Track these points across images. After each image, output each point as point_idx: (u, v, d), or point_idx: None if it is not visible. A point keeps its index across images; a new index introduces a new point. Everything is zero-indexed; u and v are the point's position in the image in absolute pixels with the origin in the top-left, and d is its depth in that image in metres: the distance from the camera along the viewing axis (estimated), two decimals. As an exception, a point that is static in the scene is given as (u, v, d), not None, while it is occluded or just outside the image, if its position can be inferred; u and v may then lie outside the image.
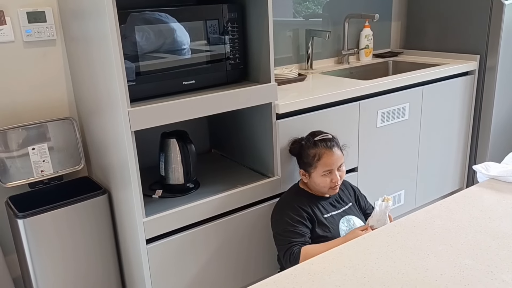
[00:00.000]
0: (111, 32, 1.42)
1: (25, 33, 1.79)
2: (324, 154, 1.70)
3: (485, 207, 1.14)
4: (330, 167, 1.69)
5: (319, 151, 1.70)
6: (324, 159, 1.69)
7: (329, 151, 1.70)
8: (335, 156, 1.70)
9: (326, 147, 1.71)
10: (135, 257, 1.71)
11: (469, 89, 2.57)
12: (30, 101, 1.86)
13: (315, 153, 1.71)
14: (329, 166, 1.69)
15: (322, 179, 1.70)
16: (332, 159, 1.70)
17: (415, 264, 0.91)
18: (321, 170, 1.69)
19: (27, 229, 1.62)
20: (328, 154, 1.70)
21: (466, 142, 2.68)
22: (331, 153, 1.70)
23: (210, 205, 1.74)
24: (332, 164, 1.70)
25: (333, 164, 1.70)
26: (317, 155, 1.70)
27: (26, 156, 1.77)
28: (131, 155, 1.54)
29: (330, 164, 1.69)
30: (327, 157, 1.69)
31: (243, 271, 1.90)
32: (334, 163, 1.70)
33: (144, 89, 1.62)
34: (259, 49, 1.80)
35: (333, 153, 1.71)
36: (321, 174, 1.70)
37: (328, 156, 1.70)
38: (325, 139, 1.74)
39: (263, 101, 1.79)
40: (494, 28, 2.50)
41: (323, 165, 1.69)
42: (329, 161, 1.69)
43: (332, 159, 1.70)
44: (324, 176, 1.70)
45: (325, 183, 1.70)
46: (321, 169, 1.69)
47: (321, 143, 1.72)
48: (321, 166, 1.69)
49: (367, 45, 2.77)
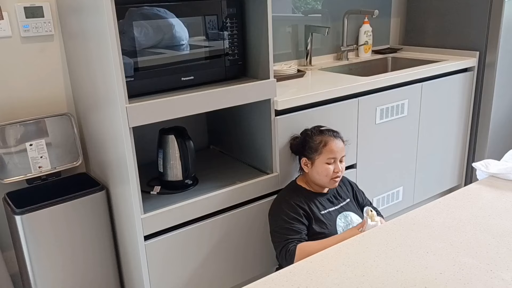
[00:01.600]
0: (109, 27, 1.41)
1: (22, 29, 1.77)
2: (330, 141, 1.74)
3: (485, 204, 1.14)
4: (335, 155, 1.73)
5: (325, 138, 1.75)
6: (330, 145, 1.73)
7: (335, 139, 1.76)
8: (340, 145, 1.75)
9: (332, 136, 1.77)
10: (133, 253, 1.71)
11: (468, 85, 2.57)
12: (28, 97, 1.84)
13: (322, 139, 1.75)
14: (334, 154, 1.73)
15: (325, 167, 1.72)
16: (337, 147, 1.74)
17: (414, 262, 0.91)
18: (326, 157, 1.72)
19: (25, 226, 1.61)
20: (334, 142, 1.75)
21: (465, 139, 2.68)
22: (337, 141, 1.75)
23: (209, 201, 1.74)
24: (336, 152, 1.73)
25: (337, 153, 1.73)
26: (323, 141, 1.74)
27: (23, 152, 1.77)
28: (129, 151, 1.53)
29: (335, 151, 1.73)
30: (333, 144, 1.74)
31: (241, 267, 1.90)
32: (338, 152, 1.74)
33: (142, 85, 1.61)
34: (258, 45, 1.79)
35: (338, 141, 1.76)
36: (325, 161, 1.72)
37: (334, 143, 1.74)
38: (330, 129, 1.81)
39: (262, 97, 1.78)
40: (494, 24, 2.49)
41: (329, 151, 1.73)
42: (334, 147, 1.73)
43: (337, 147, 1.74)
44: (327, 164, 1.72)
45: (327, 171, 1.72)
46: (326, 155, 1.72)
47: (327, 132, 1.78)
48: (327, 153, 1.73)
49: (366, 41, 2.76)
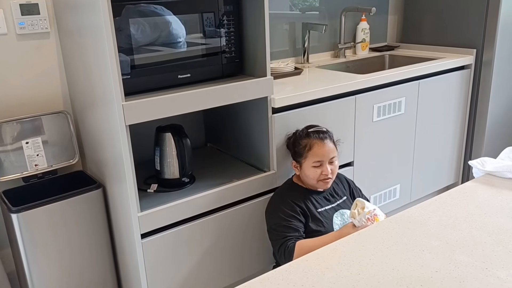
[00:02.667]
0: (105, 24, 1.40)
1: (18, 26, 1.76)
2: (315, 145, 1.71)
3: (481, 202, 1.14)
4: (321, 158, 1.70)
5: (310, 141, 1.72)
6: (314, 149, 1.70)
7: (321, 142, 1.71)
8: (326, 148, 1.71)
9: (318, 138, 1.72)
10: (130, 251, 1.70)
11: (465, 83, 2.57)
12: (24, 95, 1.84)
13: (307, 143, 1.72)
14: (319, 157, 1.70)
15: (312, 171, 1.70)
16: (322, 150, 1.70)
17: (410, 260, 0.91)
18: (311, 161, 1.70)
19: (21, 224, 1.61)
20: (319, 145, 1.71)
21: (461, 137, 2.68)
22: (323, 144, 1.71)
23: (206, 199, 1.73)
24: (322, 155, 1.70)
25: (323, 156, 1.70)
26: (308, 145, 1.72)
27: (20, 150, 1.76)
28: (126, 149, 1.53)
29: (320, 155, 1.70)
30: (318, 148, 1.70)
31: (238, 265, 1.90)
32: (325, 155, 1.70)
33: (139, 83, 1.61)
34: (255, 43, 1.79)
35: (324, 144, 1.71)
36: (311, 165, 1.70)
37: (319, 146, 1.70)
38: (318, 131, 1.76)
39: (259, 95, 1.78)
40: (491, 22, 2.49)
41: (313, 155, 1.70)
42: (319, 151, 1.70)
43: (323, 150, 1.70)
44: (314, 167, 1.70)
45: (314, 174, 1.70)
46: (311, 159, 1.70)
47: (313, 134, 1.74)
48: (311, 157, 1.70)
49: (364, 38, 2.76)
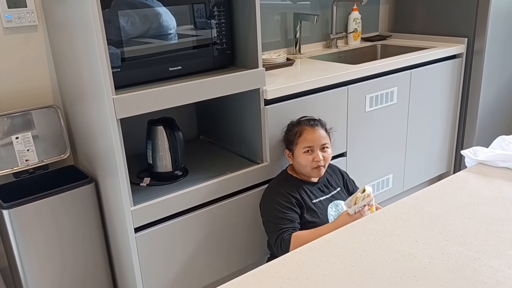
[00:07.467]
0: (94, 16, 1.38)
1: (4, 19, 1.73)
2: (305, 131, 1.74)
3: (473, 192, 1.14)
4: (311, 144, 1.71)
5: (301, 128, 1.75)
6: (304, 135, 1.73)
7: (311, 128, 1.74)
8: (316, 134, 1.73)
9: (308, 125, 1.76)
10: (124, 246, 1.70)
11: (456, 72, 2.57)
12: (12, 89, 1.81)
13: (297, 130, 1.75)
14: (310, 143, 1.71)
15: (303, 157, 1.72)
16: (313, 135, 1.72)
17: (403, 251, 0.91)
18: (302, 146, 1.72)
19: (13, 220, 1.59)
20: (309, 131, 1.73)
21: (453, 126, 2.69)
22: (313, 130, 1.74)
23: (199, 192, 1.73)
24: (313, 140, 1.72)
25: (314, 141, 1.72)
26: (298, 131, 1.75)
27: (10, 145, 1.74)
28: (117, 143, 1.52)
29: (310, 140, 1.72)
30: (308, 133, 1.73)
31: (233, 257, 1.91)
32: (315, 140, 1.72)
33: (129, 76, 1.59)
34: (246, 34, 1.78)
35: (314, 130, 1.74)
36: (302, 151, 1.72)
37: (309, 132, 1.73)
38: (309, 119, 1.80)
39: (251, 87, 1.77)
40: (482, 11, 2.49)
41: (304, 141, 1.72)
42: (309, 137, 1.72)
43: (313, 136, 1.72)
44: (305, 153, 1.71)
45: (306, 161, 1.71)
46: (302, 145, 1.72)
47: (304, 121, 1.78)
48: (302, 142, 1.72)
49: (356, 28, 2.75)
